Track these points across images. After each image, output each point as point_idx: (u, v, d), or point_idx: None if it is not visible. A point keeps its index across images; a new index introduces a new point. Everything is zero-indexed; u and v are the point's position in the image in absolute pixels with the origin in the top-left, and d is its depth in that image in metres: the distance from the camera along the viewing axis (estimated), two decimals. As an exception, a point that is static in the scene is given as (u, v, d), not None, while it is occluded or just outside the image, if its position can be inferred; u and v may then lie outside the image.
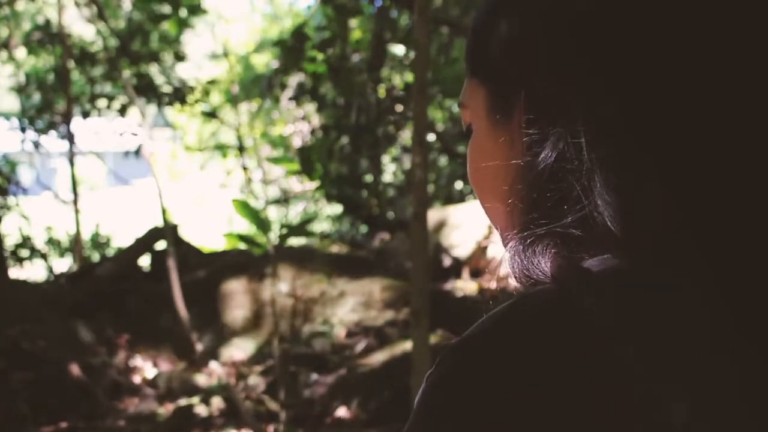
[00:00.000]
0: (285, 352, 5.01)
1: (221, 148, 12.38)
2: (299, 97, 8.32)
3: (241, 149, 11.17)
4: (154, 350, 6.10)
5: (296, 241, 6.88)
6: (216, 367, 5.46)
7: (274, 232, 4.55)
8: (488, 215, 0.69)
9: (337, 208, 9.79)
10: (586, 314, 0.53)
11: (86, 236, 9.45)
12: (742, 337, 0.54)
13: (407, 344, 5.17)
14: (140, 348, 6.08)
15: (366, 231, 9.09)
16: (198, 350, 5.32)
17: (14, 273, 8.25)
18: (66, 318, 6.17)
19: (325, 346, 5.97)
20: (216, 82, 10.25)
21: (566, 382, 0.51)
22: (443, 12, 8.46)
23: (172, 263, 5.41)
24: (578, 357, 0.52)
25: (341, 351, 5.96)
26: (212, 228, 13.51)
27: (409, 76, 7.57)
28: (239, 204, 4.53)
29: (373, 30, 8.11)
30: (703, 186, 0.56)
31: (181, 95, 8.46)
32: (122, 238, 9.57)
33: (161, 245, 7.23)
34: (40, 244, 8.70)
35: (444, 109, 9.42)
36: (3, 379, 5.11)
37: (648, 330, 0.53)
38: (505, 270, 0.62)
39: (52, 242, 8.89)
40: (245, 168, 11.11)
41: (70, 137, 9.06)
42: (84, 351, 5.74)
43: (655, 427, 0.50)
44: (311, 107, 9.06)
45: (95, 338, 6.02)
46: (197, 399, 5.29)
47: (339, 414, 5.12)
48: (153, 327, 6.24)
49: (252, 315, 6.45)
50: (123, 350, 6.04)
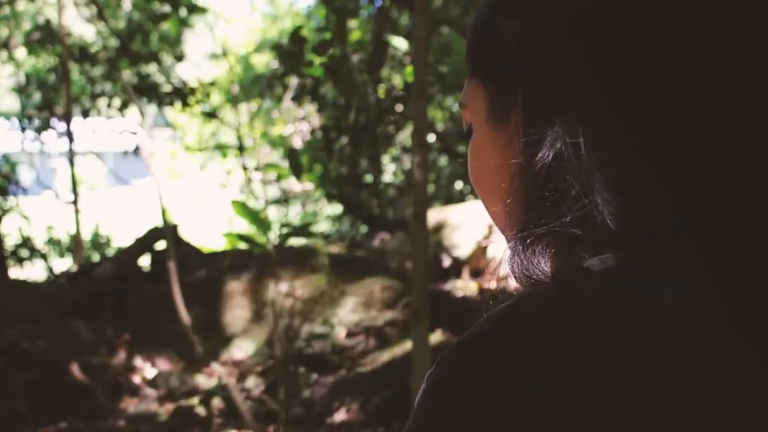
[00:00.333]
0: (285, 353, 5.01)
1: (221, 148, 12.37)
2: (299, 98, 8.32)
3: (241, 149, 11.16)
4: (154, 350, 6.10)
5: (296, 241, 6.88)
6: (216, 367, 5.46)
7: (274, 232, 4.55)
8: (490, 215, 0.69)
9: (337, 208, 9.79)
10: (587, 314, 0.53)
11: (86, 236, 9.45)
12: (742, 337, 0.54)
13: (407, 344, 5.17)
14: (140, 348, 6.09)
15: (366, 231, 9.09)
16: (198, 350, 5.32)
17: (14, 273, 8.26)
18: (66, 318, 6.17)
19: (325, 346, 5.97)
20: (216, 83, 10.25)
21: (566, 382, 0.51)
22: (443, 12, 8.46)
23: (172, 263, 5.41)
24: (578, 357, 0.52)
25: (341, 351, 5.96)
26: (212, 228, 13.51)
27: (409, 76, 7.57)
28: (239, 205, 4.54)
29: (373, 30, 8.11)
30: (703, 186, 0.56)
31: (182, 95, 8.46)
32: (122, 238, 9.57)
33: (161, 245, 7.23)
34: (40, 244, 8.70)
35: (444, 109, 9.42)
36: (3, 379, 5.12)
37: (648, 330, 0.53)
38: (505, 270, 0.62)
39: (52, 242, 8.90)
40: (245, 168, 11.10)
41: (70, 137, 9.06)
42: (84, 351, 5.74)
43: (655, 427, 0.50)
44: (311, 107, 9.06)
45: (95, 338, 6.02)
46: (197, 399, 5.29)
47: (339, 414, 5.13)
48: (153, 327, 6.24)
49: (252, 315, 6.45)
50: (123, 350, 6.04)
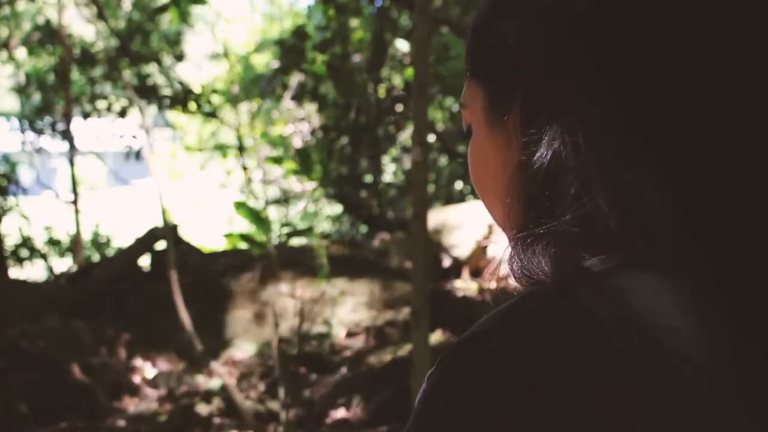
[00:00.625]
0: (285, 352, 5.01)
1: (221, 148, 12.37)
2: (300, 97, 8.32)
3: (241, 149, 11.16)
4: (154, 350, 6.10)
5: (296, 241, 6.88)
6: (216, 367, 5.46)
7: (275, 233, 4.55)
8: (491, 215, 0.69)
9: (337, 208, 9.79)
10: (587, 314, 0.53)
11: (86, 236, 9.45)
12: (742, 337, 0.54)
13: (407, 344, 5.17)
14: (140, 348, 6.08)
15: (366, 231, 9.09)
16: (198, 350, 5.32)
17: (14, 273, 8.26)
18: (66, 318, 6.17)
19: (325, 346, 5.97)
20: (217, 86, 10.24)
21: (566, 382, 0.51)
22: (443, 12, 8.46)
23: (172, 263, 5.41)
24: (579, 357, 0.52)
25: (341, 351, 5.96)
26: (212, 228, 13.51)
27: (410, 76, 7.56)
28: (240, 205, 4.54)
29: (373, 30, 8.11)
30: (703, 185, 0.56)
31: (183, 99, 8.44)
32: (122, 238, 9.57)
33: (161, 245, 7.23)
34: (40, 244, 8.70)
35: (444, 109, 9.42)
36: (3, 379, 5.11)
37: (648, 330, 0.53)
38: (505, 270, 0.62)
39: (52, 242, 8.89)
40: (245, 168, 11.10)
41: (70, 137, 9.05)
42: (84, 351, 5.74)
43: (656, 428, 0.50)
44: (311, 107, 9.06)
45: (95, 338, 6.02)
46: (197, 399, 5.29)
47: (339, 414, 5.13)
48: (153, 327, 6.24)
49: (252, 315, 6.45)
50: (123, 350, 6.04)
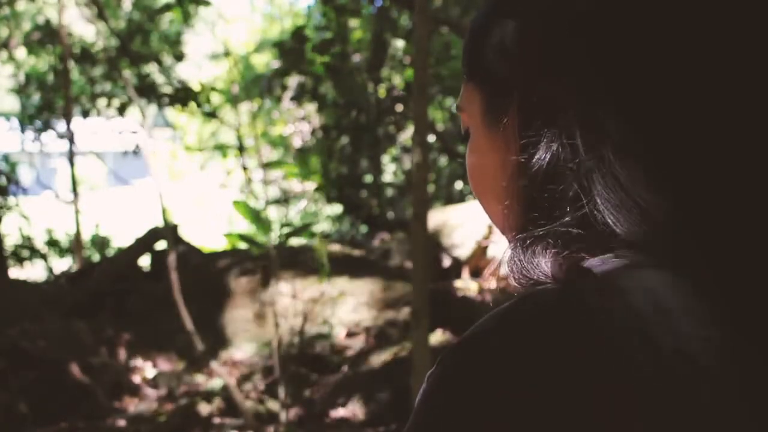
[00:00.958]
0: (285, 352, 5.01)
1: (221, 148, 12.37)
2: (300, 97, 8.32)
3: (241, 149, 11.17)
4: (154, 350, 6.10)
5: (296, 241, 6.88)
6: (216, 367, 5.46)
7: (275, 233, 4.55)
8: (489, 217, 0.69)
9: (337, 208, 9.79)
10: (587, 314, 0.53)
11: (86, 236, 9.45)
12: (743, 337, 0.54)
13: (407, 344, 5.17)
14: (140, 348, 6.08)
15: (366, 231, 9.09)
16: (198, 350, 5.32)
17: (14, 273, 8.26)
18: (66, 318, 6.17)
19: (325, 346, 5.97)
20: (217, 85, 10.24)
21: (567, 382, 0.51)
22: (443, 12, 8.46)
23: (172, 263, 5.41)
24: (579, 357, 0.52)
25: (341, 351, 5.96)
26: (212, 228, 13.51)
27: (410, 76, 7.56)
28: (240, 205, 4.54)
29: (373, 30, 8.11)
30: (703, 185, 0.56)
31: (183, 97, 8.44)
32: (122, 238, 9.57)
33: (161, 245, 7.23)
34: (40, 244, 8.69)
35: (444, 109, 9.42)
36: (3, 379, 5.11)
37: (648, 330, 0.53)
38: (506, 270, 0.62)
39: (52, 242, 8.89)
40: (245, 168, 11.10)
41: (70, 137, 9.05)
42: (84, 351, 5.73)
43: (656, 427, 0.50)
44: (312, 107, 9.06)
45: (95, 338, 6.02)
46: (197, 399, 5.29)
47: (339, 414, 5.13)
48: (153, 327, 6.24)
49: (252, 315, 6.45)
50: (123, 350, 6.04)
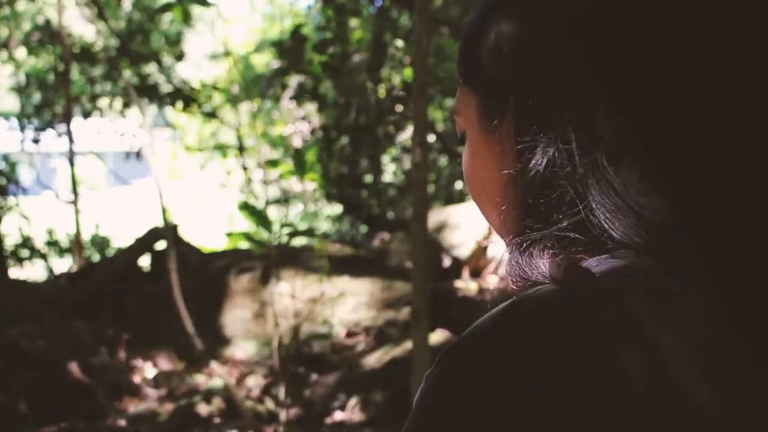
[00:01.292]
0: (285, 352, 5.01)
1: (221, 148, 12.38)
2: (299, 97, 8.31)
3: (241, 149, 11.17)
4: (154, 350, 6.10)
5: (297, 241, 6.88)
6: (216, 367, 5.46)
7: (278, 233, 4.55)
8: (486, 220, 0.69)
9: (337, 208, 9.78)
10: (586, 314, 0.53)
11: (86, 236, 9.44)
12: (743, 337, 0.54)
13: (407, 344, 5.17)
14: (140, 348, 6.08)
15: (366, 231, 9.09)
16: (198, 350, 5.32)
17: (14, 273, 8.26)
18: (66, 318, 6.17)
19: (325, 346, 5.97)
20: (217, 85, 10.24)
21: (565, 382, 0.51)
22: (443, 12, 8.46)
23: (172, 263, 5.41)
24: (578, 357, 0.52)
25: (341, 351, 5.96)
26: (212, 228, 13.52)
27: (409, 76, 7.56)
28: (243, 205, 4.54)
29: (373, 30, 8.10)
30: (704, 186, 0.56)
31: (183, 97, 8.44)
32: (122, 238, 9.57)
33: (161, 245, 7.23)
34: (40, 244, 8.69)
35: (444, 109, 9.41)
36: (3, 379, 5.11)
37: (648, 330, 0.53)
38: (504, 272, 0.62)
39: (52, 242, 8.89)
40: (245, 168, 11.11)
41: (70, 137, 9.05)
42: (84, 351, 5.73)
43: (656, 428, 0.50)
44: (312, 107, 9.06)
45: (95, 338, 6.02)
46: (197, 399, 5.29)
47: (339, 414, 5.13)
48: (153, 327, 6.24)
49: (252, 315, 6.45)
50: (123, 350, 6.04)
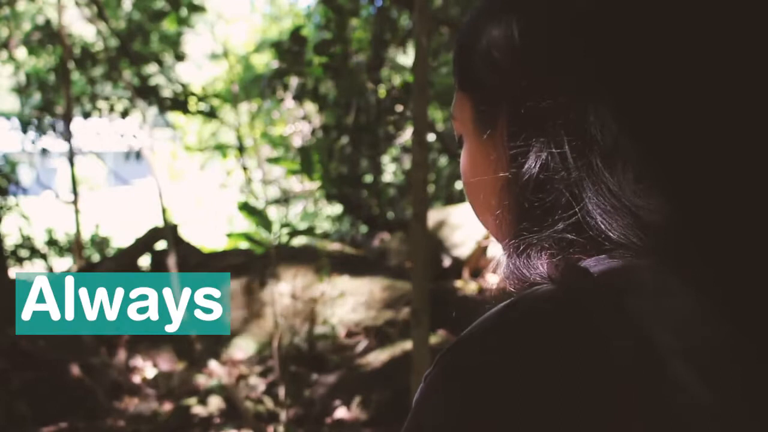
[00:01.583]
0: (285, 352, 5.01)
1: (221, 148, 12.38)
2: (300, 97, 8.31)
3: (241, 149, 11.17)
4: (154, 350, 6.10)
5: (297, 241, 6.88)
6: (216, 367, 5.46)
7: (278, 233, 4.56)
8: (482, 224, 0.69)
9: (337, 208, 9.78)
10: (584, 314, 0.53)
11: (86, 236, 9.44)
12: (743, 336, 0.54)
13: (407, 344, 5.17)
14: (140, 348, 6.08)
15: (366, 231, 9.08)
16: (198, 350, 5.32)
17: (14, 273, 8.25)
18: (66, 318, 6.16)
19: (325, 346, 5.97)
20: (217, 89, 10.23)
21: (564, 382, 0.51)
22: (443, 12, 8.46)
23: (172, 263, 5.41)
24: (576, 357, 0.52)
25: (341, 351, 5.96)
26: (212, 228, 13.52)
27: (409, 76, 7.57)
28: (244, 206, 4.54)
29: (373, 30, 8.10)
30: (703, 186, 0.56)
31: (183, 102, 8.42)
32: (122, 238, 9.57)
33: (161, 245, 7.23)
34: (40, 244, 8.69)
35: (444, 109, 9.41)
36: (3, 379, 5.11)
37: (647, 330, 0.53)
38: (502, 274, 0.62)
39: (52, 242, 8.89)
40: (245, 168, 11.11)
41: (70, 137, 9.05)
42: (84, 351, 5.73)
43: (656, 428, 0.50)
44: (312, 107, 9.06)
45: (95, 338, 6.02)
46: (197, 399, 5.29)
47: (339, 414, 5.13)
48: (153, 327, 6.23)
49: (252, 315, 6.45)
50: (123, 350, 6.04)
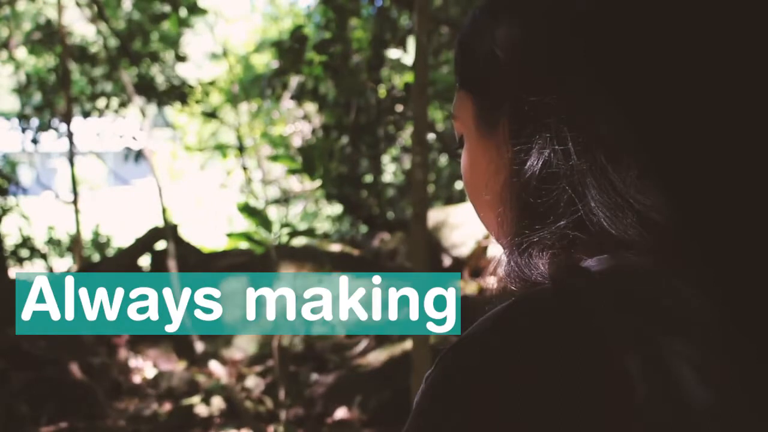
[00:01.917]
0: (285, 352, 5.01)
1: (221, 148, 12.38)
2: (300, 97, 8.31)
3: (241, 149, 11.17)
4: (154, 350, 6.10)
5: (297, 241, 6.88)
6: (216, 367, 5.46)
7: (276, 233, 4.55)
8: (483, 223, 0.69)
9: (337, 208, 9.78)
10: (585, 314, 0.53)
11: (86, 236, 9.44)
12: (743, 336, 0.54)
13: (407, 344, 5.17)
14: (140, 348, 6.08)
15: (366, 231, 9.08)
16: (198, 350, 5.32)
17: (14, 273, 8.25)
18: (66, 318, 6.16)
19: (325, 346, 5.97)
20: (216, 83, 10.24)
21: (565, 382, 0.51)
22: (443, 12, 8.46)
23: (172, 263, 5.41)
24: (577, 357, 0.52)
25: (341, 351, 5.96)
26: (212, 228, 13.51)
27: (409, 76, 7.57)
28: (244, 206, 4.53)
29: (373, 30, 8.10)
30: (705, 184, 0.56)
31: (182, 94, 8.44)
32: (122, 238, 9.57)
33: (161, 245, 7.23)
34: (40, 244, 8.69)
35: (444, 109, 9.41)
36: (3, 379, 5.11)
37: (647, 329, 0.53)
38: (502, 273, 0.62)
39: (52, 242, 8.89)
40: (245, 168, 11.11)
41: (70, 137, 9.05)
42: (84, 351, 5.73)
43: (655, 427, 0.50)
44: (312, 107, 9.06)
45: (95, 338, 6.02)
46: (197, 399, 5.29)
47: (339, 414, 5.13)
48: (153, 327, 6.23)
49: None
50: (123, 350, 6.04)
